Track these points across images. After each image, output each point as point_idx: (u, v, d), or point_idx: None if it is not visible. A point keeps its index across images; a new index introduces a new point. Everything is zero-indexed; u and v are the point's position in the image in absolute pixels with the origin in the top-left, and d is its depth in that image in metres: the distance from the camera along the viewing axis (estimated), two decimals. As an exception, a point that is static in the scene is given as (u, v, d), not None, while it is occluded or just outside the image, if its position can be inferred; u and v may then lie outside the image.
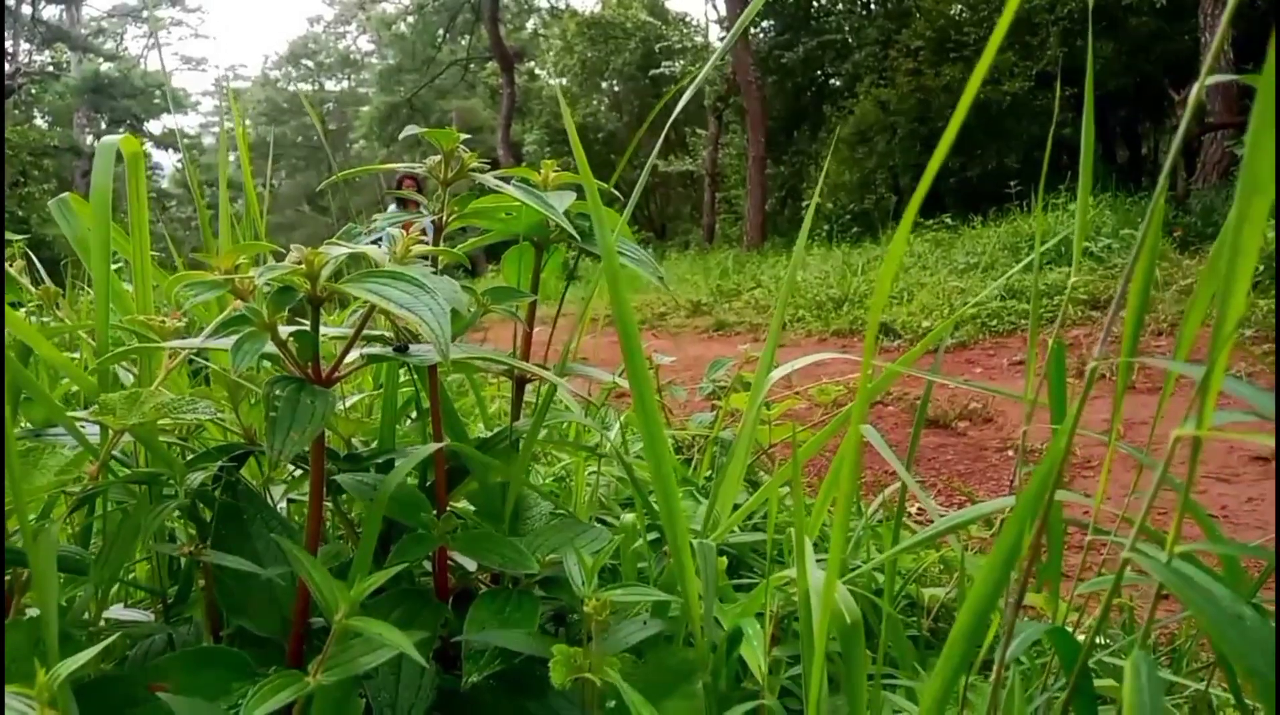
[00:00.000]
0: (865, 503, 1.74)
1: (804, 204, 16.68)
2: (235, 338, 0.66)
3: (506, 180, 1.01)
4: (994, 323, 6.19)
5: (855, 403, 0.61)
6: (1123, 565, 0.40)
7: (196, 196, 1.06)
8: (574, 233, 0.97)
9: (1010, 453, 4.01)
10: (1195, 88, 0.48)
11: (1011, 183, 10.50)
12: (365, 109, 32.64)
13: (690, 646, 0.86)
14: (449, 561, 0.96)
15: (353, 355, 0.79)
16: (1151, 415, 0.80)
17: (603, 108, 24.98)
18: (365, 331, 0.88)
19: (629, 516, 1.19)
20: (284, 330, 0.71)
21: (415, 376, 0.95)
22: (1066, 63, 12.64)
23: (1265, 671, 0.34)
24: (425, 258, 0.78)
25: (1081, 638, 0.83)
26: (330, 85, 41.41)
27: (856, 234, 14.47)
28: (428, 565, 0.99)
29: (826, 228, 15.22)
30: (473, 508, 1.06)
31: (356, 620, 0.65)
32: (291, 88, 40.47)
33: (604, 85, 24.69)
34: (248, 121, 37.89)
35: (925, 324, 6.66)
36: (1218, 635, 0.35)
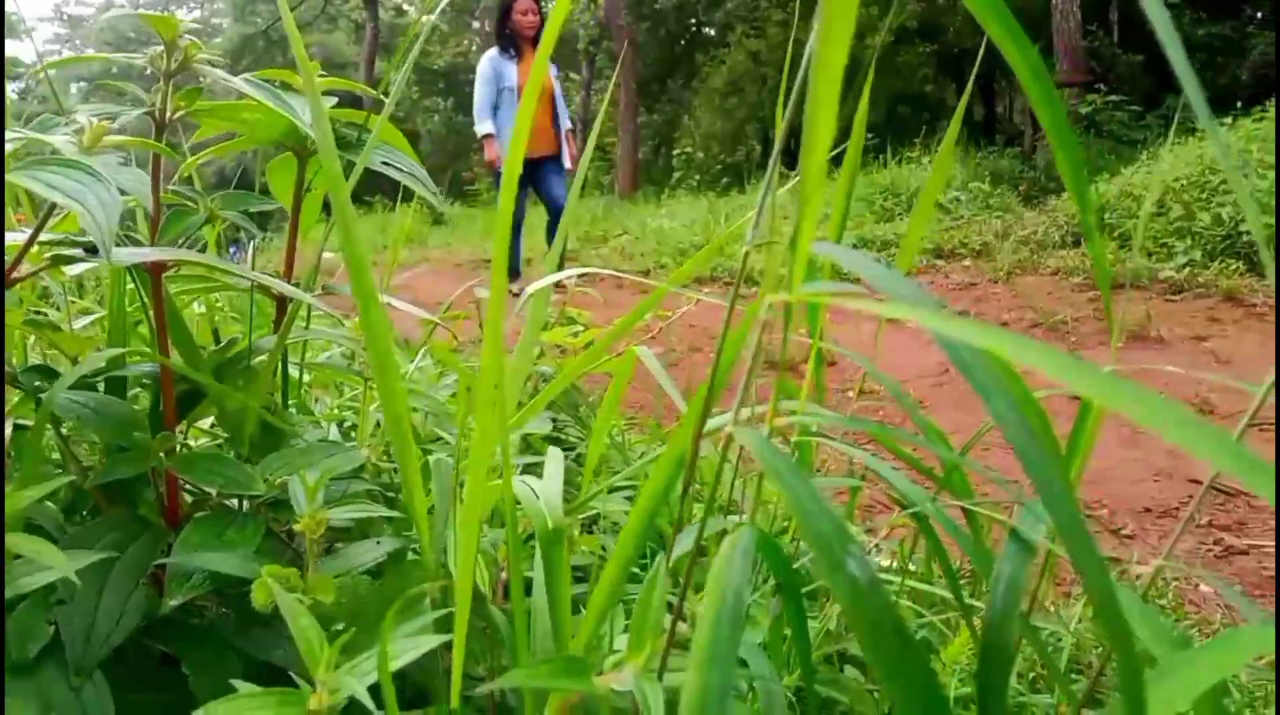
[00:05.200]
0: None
1: (676, 153, 16.70)
2: None
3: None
4: (845, 271, 6.35)
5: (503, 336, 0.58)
6: (726, 441, 0.39)
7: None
8: (312, 135, 0.91)
9: (850, 393, 4.14)
10: None
11: (870, 136, 10.71)
12: (218, 40, 30.87)
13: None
14: (189, 487, 0.91)
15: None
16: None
17: (474, 48, 24.27)
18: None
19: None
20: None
21: (138, 286, 0.89)
22: (925, 18, 12.96)
23: (834, 550, 0.33)
24: (121, 150, 0.71)
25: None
26: (181, 13, 38.91)
27: (726, 184, 14.59)
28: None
29: (697, 177, 15.29)
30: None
31: (15, 537, 0.60)
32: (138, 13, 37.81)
33: (475, 24, 24.03)
34: (90, 50, 35.36)
35: (782, 271, 6.79)
36: (798, 517, 0.34)
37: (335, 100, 1.01)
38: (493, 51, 6.43)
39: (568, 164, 6.58)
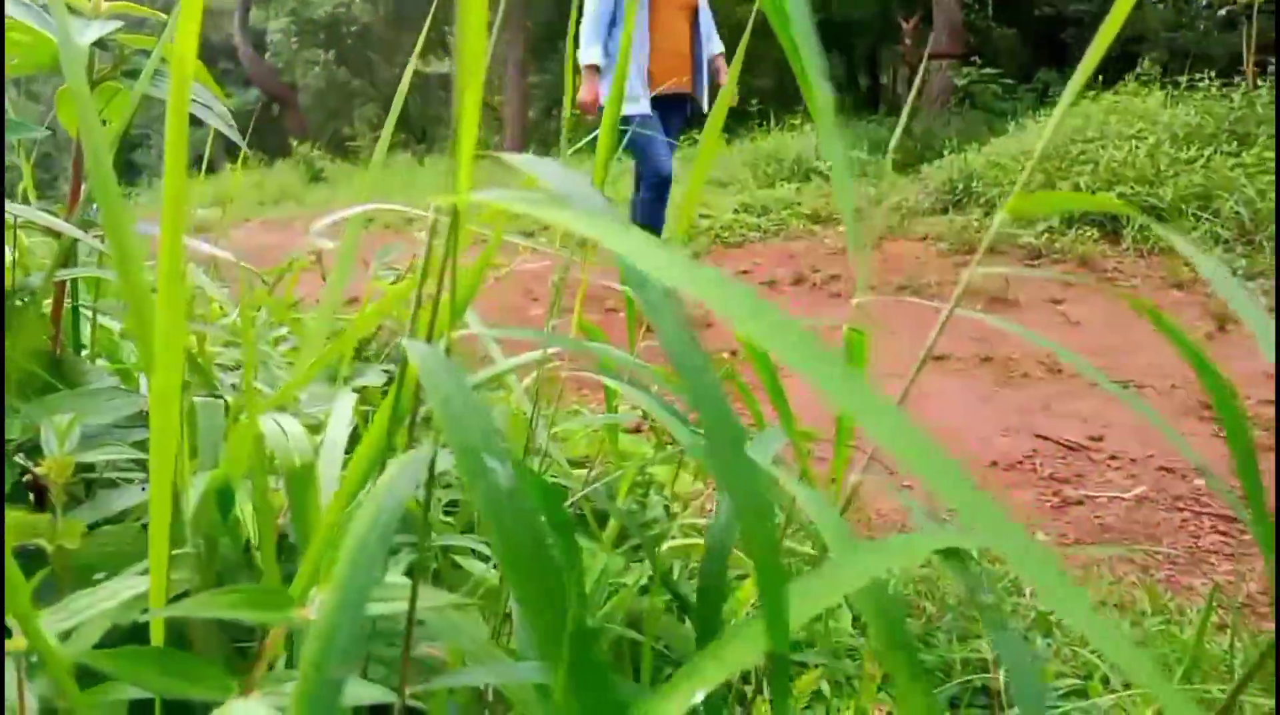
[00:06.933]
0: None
1: (566, 115, 16.43)
2: None
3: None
4: (726, 234, 6.38)
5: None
6: (402, 358, 0.37)
7: None
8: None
9: (727, 354, 4.19)
10: None
11: (755, 102, 10.81)
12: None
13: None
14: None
15: None
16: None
17: None
18: None
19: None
20: None
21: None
22: (813, -14, 13.07)
23: (478, 457, 0.32)
24: None
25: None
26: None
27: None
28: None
29: (592, 138, 15.13)
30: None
31: None
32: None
33: (359, -25, 23.13)
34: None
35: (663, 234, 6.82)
36: (446, 424, 0.33)
37: (120, 24, 0.94)
38: None
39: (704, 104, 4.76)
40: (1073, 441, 2.89)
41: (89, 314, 1.12)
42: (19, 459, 0.78)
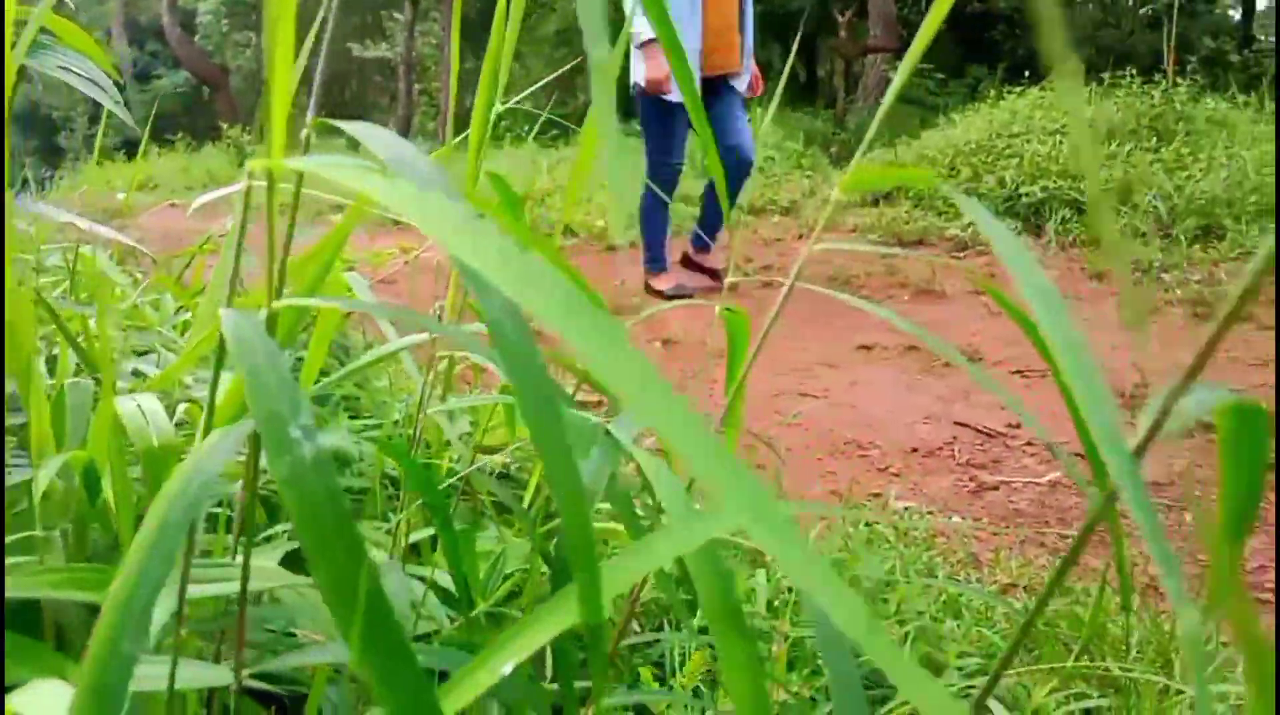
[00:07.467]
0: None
1: (503, 102, 16.25)
2: None
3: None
4: (662, 224, 6.40)
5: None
6: (220, 331, 0.37)
7: None
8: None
9: (659, 343, 4.21)
10: None
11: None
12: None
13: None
14: None
15: None
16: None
17: (290, -18, 22.83)
18: None
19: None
20: None
21: None
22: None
23: (283, 427, 0.31)
24: None
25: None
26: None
27: (554, 135, 14.47)
28: None
29: (526, 127, 15.07)
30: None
31: None
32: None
33: (292, -44, 22.57)
34: None
35: (599, 223, 6.82)
36: (251, 392, 0.32)
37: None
38: None
39: (744, 87, 4.30)
40: (990, 429, 2.95)
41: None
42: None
